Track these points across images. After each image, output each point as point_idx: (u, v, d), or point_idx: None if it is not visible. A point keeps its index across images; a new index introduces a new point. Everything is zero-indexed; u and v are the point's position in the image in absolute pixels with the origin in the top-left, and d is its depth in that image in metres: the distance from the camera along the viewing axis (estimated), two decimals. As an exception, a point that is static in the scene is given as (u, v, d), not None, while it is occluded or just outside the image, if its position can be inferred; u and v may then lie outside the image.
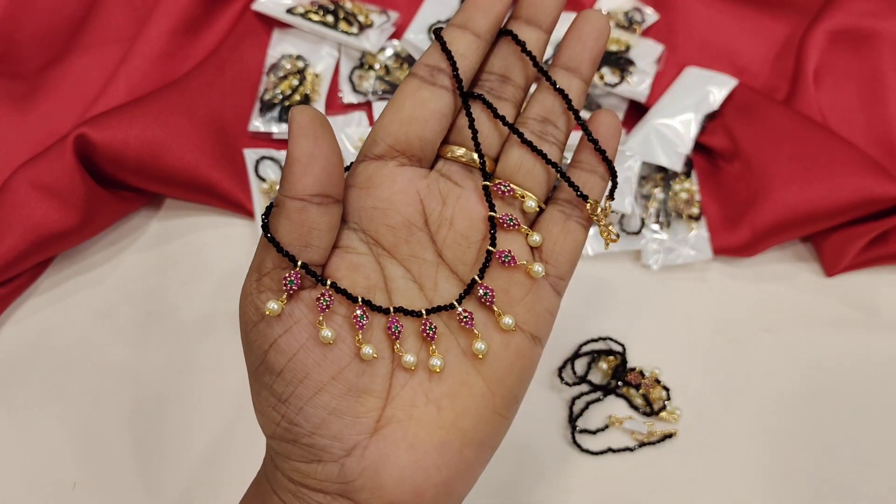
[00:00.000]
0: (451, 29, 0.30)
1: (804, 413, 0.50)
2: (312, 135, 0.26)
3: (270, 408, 0.28)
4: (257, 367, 0.28)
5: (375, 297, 0.29)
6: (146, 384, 0.50)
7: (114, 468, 0.47)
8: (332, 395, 0.27)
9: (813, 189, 0.53)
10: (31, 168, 0.51)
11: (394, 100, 0.30)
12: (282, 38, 0.62)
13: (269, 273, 0.28)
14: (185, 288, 0.54)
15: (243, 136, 0.58)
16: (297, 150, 0.27)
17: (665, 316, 0.54)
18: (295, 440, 0.28)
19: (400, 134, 0.29)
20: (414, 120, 0.29)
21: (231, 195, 0.55)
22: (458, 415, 0.28)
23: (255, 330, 0.28)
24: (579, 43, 0.31)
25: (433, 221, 0.30)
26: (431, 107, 0.29)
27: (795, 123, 0.56)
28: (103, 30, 0.61)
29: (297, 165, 0.27)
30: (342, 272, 0.29)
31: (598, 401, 0.50)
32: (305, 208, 0.27)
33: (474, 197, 0.30)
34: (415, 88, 0.30)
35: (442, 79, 0.30)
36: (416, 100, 0.29)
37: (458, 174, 0.31)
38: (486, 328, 0.29)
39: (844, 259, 0.54)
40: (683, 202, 0.56)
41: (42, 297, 0.53)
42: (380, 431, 0.28)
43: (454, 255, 0.30)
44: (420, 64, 0.30)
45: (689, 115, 0.57)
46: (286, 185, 0.27)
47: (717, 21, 0.64)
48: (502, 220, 0.30)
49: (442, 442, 0.28)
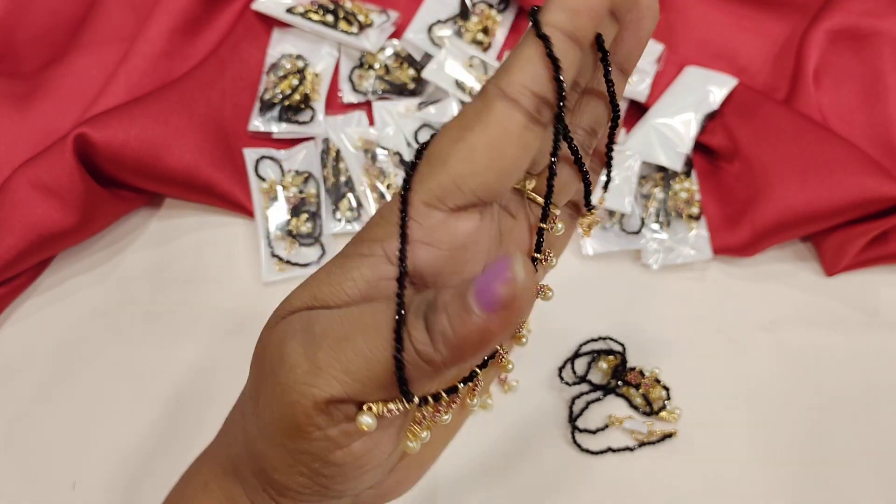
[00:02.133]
0: (554, 33, 0.22)
1: (804, 412, 0.50)
2: (524, 314, 0.20)
3: (305, 478, 0.24)
4: (304, 453, 0.23)
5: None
6: (146, 384, 0.50)
7: (114, 468, 0.47)
8: (377, 470, 0.25)
9: (813, 189, 0.53)
10: (31, 167, 0.51)
11: (489, 137, 0.22)
12: (282, 37, 0.62)
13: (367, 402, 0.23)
14: (185, 287, 0.54)
15: (243, 135, 0.58)
16: (503, 334, 0.20)
17: (665, 315, 0.54)
18: (323, 496, 0.25)
19: (495, 186, 0.23)
20: (515, 171, 0.23)
21: (231, 195, 0.55)
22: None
23: (320, 433, 0.23)
24: (637, 44, 0.26)
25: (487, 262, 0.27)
26: (532, 152, 0.23)
27: (795, 123, 0.56)
28: (103, 29, 0.61)
29: (487, 350, 0.21)
30: None
31: (598, 400, 0.50)
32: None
33: (525, 228, 0.27)
34: (520, 130, 0.22)
35: (547, 114, 0.23)
36: (520, 146, 0.23)
37: (513, 203, 0.27)
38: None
39: (844, 259, 0.54)
40: (683, 202, 0.56)
41: (42, 296, 0.53)
42: (399, 463, 0.27)
43: None
44: (524, 89, 0.22)
45: (688, 115, 0.57)
46: (459, 360, 0.21)
47: (717, 21, 0.64)
48: (544, 258, 0.28)
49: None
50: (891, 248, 0.54)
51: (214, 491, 0.27)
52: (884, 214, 0.53)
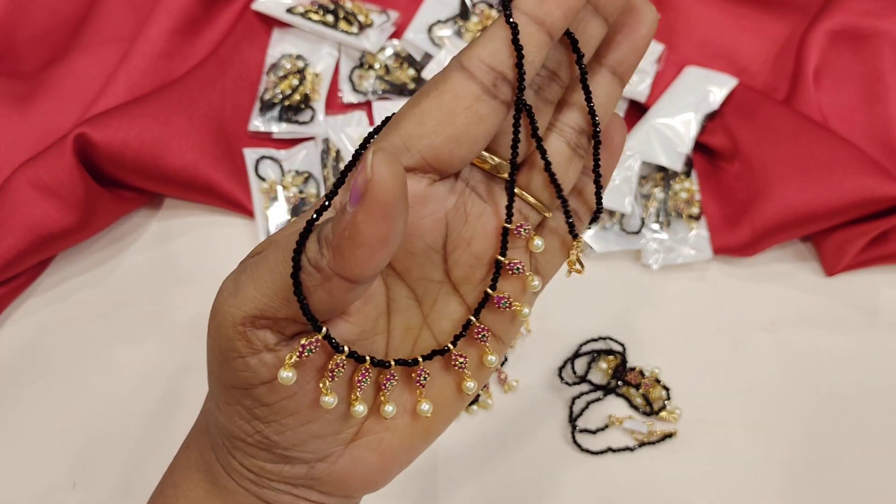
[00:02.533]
0: (524, 20, 0.24)
1: (803, 412, 0.50)
2: (393, 214, 0.21)
3: (244, 421, 0.26)
4: (234, 386, 0.25)
5: (377, 323, 0.27)
6: (146, 384, 0.50)
7: (114, 468, 0.47)
8: (319, 424, 0.26)
9: (813, 189, 0.53)
10: (31, 167, 0.51)
11: (441, 102, 0.24)
12: (282, 37, 0.62)
13: (279, 321, 0.24)
14: (185, 287, 0.54)
15: (243, 135, 0.58)
16: (370, 232, 0.21)
17: (665, 315, 0.54)
18: (267, 449, 0.26)
19: (443, 151, 0.24)
20: (464, 140, 0.24)
21: (231, 195, 0.55)
22: (431, 424, 0.28)
23: (241, 361, 0.25)
24: (633, 47, 0.27)
25: (451, 242, 0.27)
26: (486, 126, 0.24)
27: (795, 123, 0.56)
28: (103, 29, 0.61)
29: (364, 250, 0.21)
30: (356, 305, 0.25)
31: (598, 400, 0.50)
32: (353, 288, 0.23)
33: (495, 219, 0.27)
34: (472, 98, 0.24)
35: (505, 91, 0.24)
36: (471, 115, 0.24)
37: (482, 185, 0.27)
38: (471, 360, 0.28)
39: (844, 259, 0.54)
40: (683, 202, 0.56)
41: (42, 296, 0.53)
42: (355, 441, 0.27)
43: (462, 275, 0.28)
44: (482, 64, 0.24)
45: (688, 115, 0.57)
46: (342, 263, 0.22)
47: (717, 21, 0.64)
48: (510, 267, 0.27)
49: (412, 446, 0.28)
50: (891, 248, 0.54)
51: (192, 451, 0.29)
52: (884, 214, 0.53)
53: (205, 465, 0.28)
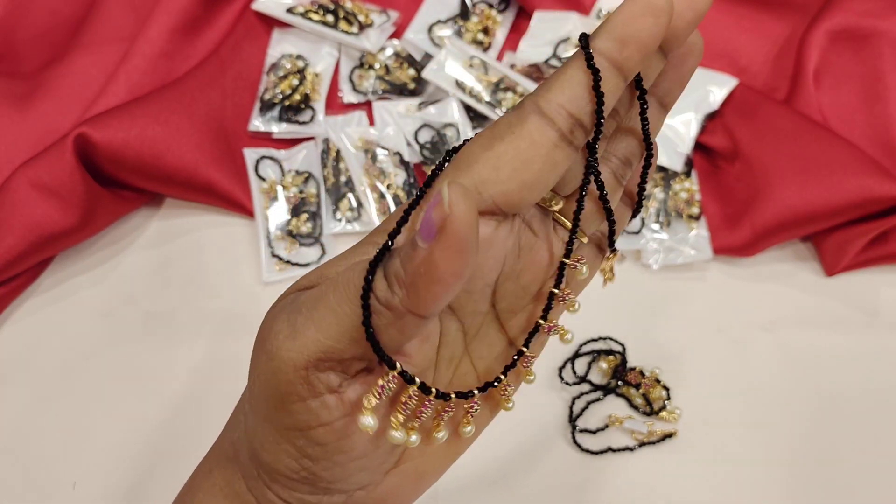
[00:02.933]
0: (602, 62, 0.22)
1: (803, 412, 0.50)
2: (467, 249, 0.20)
3: (291, 459, 0.25)
4: (288, 428, 0.24)
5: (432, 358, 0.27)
6: (146, 384, 0.50)
7: (114, 468, 0.47)
8: (369, 459, 0.25)
9: (813, 189, 0.53)
10: (31, 167, 0.51)
11: (518, 148, 0.23)
12: (282, 37, 0.62)
13: (343, 361, 0.23)
14: (185, 287, 0.54)
15: (243, 135, 0.58)
16: (448, 268, 0.20)
17: (665, 315, 0.54)
18: (310, 484, 0.25)
19: (516, 198, 0.23)
20: (537, 186, 0.23)
21: (231, 195, 0.55)
22: (463, 442, 0.28)
23: (302, 405, 0.24)
24: (679, 79, 0.27)
25: (502, 276, 0.27)
26: (559, 171, 0.23)
27: (795, 123, 0.56)
28: (103, 29, 0.61)
29: (440, 287, 0.21)
30: (415, 345, 0.25)
31: (598, 400, 0.50)
32: (423, 324, 0.22)
33: (545, 249, 0.27)
34: (550, 146, 0.23)
35: (580, 138, 0.23)
36: (548, 162, 0.23)
37: (536, 220, 0.27)
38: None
39: (844, 259, 0.54)
40: (683, 202, 0.56)
41: (42, 296, 0.53)
42: (395, 468, 0.27)
43: (506, 306, 0.28)
44: (560, 107, 0.23)
45: (689, 115, 0.57)
46: (416, 300, 0.21)
47: (717, 21, 0.64)
48: (560, 298, 0.28)
49: (442, 468, 0.28)
50: (891, 248, 0.54)
51: (217, 477, 0.28)
52: (884, 214, 0.53)
53: (233, 494, 0.27)
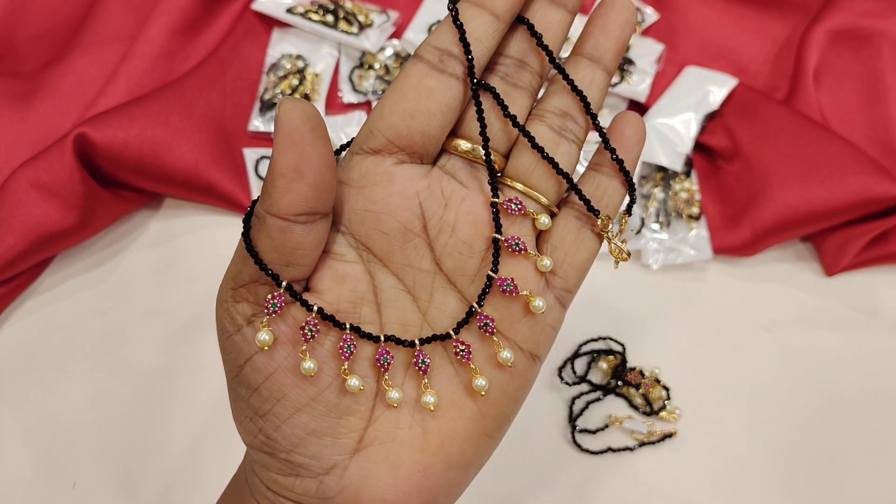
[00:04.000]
0: (466, 5, 0.26)
1: (803, 412, 0.50)
2: (300, 142, 0.23)
3: (247, 419, 0.26)
4: (233, 377, 0.26)
5: (363, 311, 0.26)
6: (146, 384, 0.50)
7: (114, 468, 0.47)
8: (311, 415, 0.26)
9: (812, 188, 0.53)
10: (31, 167, 0.51)
11: (395, 87, 0.26)
12: (282, 37, 0.62)
13: (247, 285, 0.25)
14: (185, 287, 0.54)
15: (243, 135, 0.58)
16: (282, 161, 0.23)
17: (665, 315, 0.54)
18: (272, 454, 0.26)
19: (401, 127, 0.26)
20: (418, 113, 0.26)
21: (231, 195, 0.55)
22: (444, 438, 0.27)
23: (230, 341, 0.26)
24: (604, 32, 0.28)
25: (433, 227, 0.27)
26: (438, 98, 0.26)
27: (795, 123, 0.56)
28: (103, 29, 0.61)
29: (281, 181, 0.23)
30: (326, 283, 0.26)
31: (598, 400, 0.50)
32: (289, 228, 0.24)
33: (480, 200, 0.27)
34: (420, 75, 0.26)
35: (453, 65, 0.26)
36: (421, 89, 0.26)
37: (462, 172, 0.27)
38: (483, 357, 0.27)
39: (844, 259, 0.54)
40: (683, 202, 0.56)
41: (42, 296, 0.53)
42: (361, 452, 0.26)
43: (454, 265, 0.27)
44: (428, 46, 0.26)
45: (689, 115, 0.57)
46: (268, 199, 0.24)
47: (717, 21, 0.64)
48: (508, 243, 0.27)
49: (426, 465, 0.27)
50: (891, 248, 0.54)
51: (243, 465, 0.30)
52: (884, 214, 0.53)
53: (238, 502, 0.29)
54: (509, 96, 0.27)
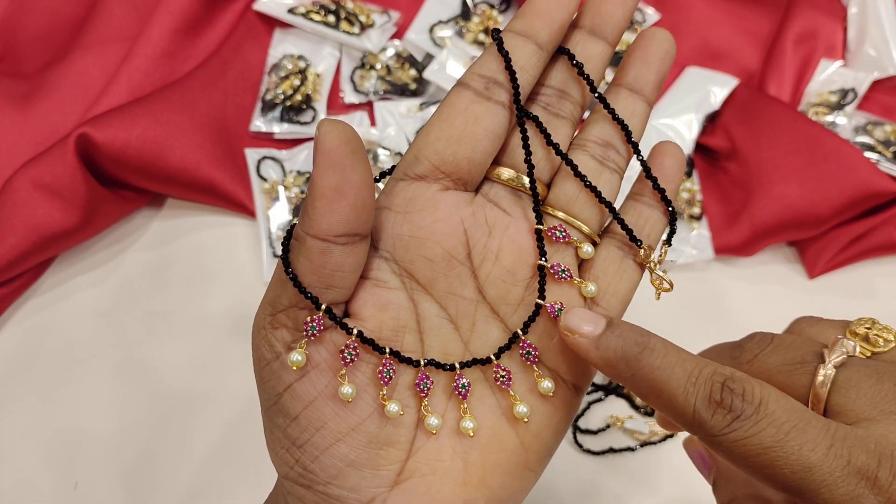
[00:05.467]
0: (510, 35, 0.27)
1: (805, 413, 0.50)
2: (341, 163, 0.23)
3: (284, 450, 0.26)
4: (270, 406, 0.26)
5: (405, 339, 0.26)
6: (147, 384, 0.50)
7: (115, 468, 0.47)
8: (350, 446, 0.25)
9: (813, 187, 0.53)
10: (33, 167, 0.51)
11: (441, 113, 0.26)
12: (283, 37, 0.62)
13: (286, 310, 0.25)
14: (187, 287, 0.54)
15: (245, 135, 0.58)
16: (323, 183, 0.23)
17: (666, 316, 0.54)
18: (309, 486, 0.26)
19: (447, 153, 0.26)
20: (464, 139, 0.26)
21: (232, 195, 0.55)
22: (486, 471, 0.26)
23: (268, 369, 0.25)
24: (645, 64, 0.28)
25: (476, 254, 0.27)
26: (485, 125, 0.26)
27: (795, 123, 0.56)
28: (105, 29, 0.61)
29: (322, 202, 0.23)
30: (369, 310, 0.26)
31: (600, 401, 0.50)
32: (329, 249, 0.24)
33: (524, 228, 0.27)
34: (467, 102, 0.26)
35: (498, 93, 0.26)
36: (468, 116, 0.26)
37: (506, 200, 0.27)
38: (525, 385, 0.27)
39: (823, 259, 0.54)
40: (685, 202, 0.56)
41: (43, 296, 0.53)
42: (401, 485, 0.26)
43: (497, 294, 0.27)
44: (474, 74, 0.27)
45: (689, 115, 0.57)
46: (308, 221, 0.23)
47: (719, 21, 0.64)
48: (554, 270, 0.27)
49: (466, 500, 0.26)
50: (874, 241, 0.54)
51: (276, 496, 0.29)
52: (868, 214, 0.53)
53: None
54: (551, 125, 0.28)
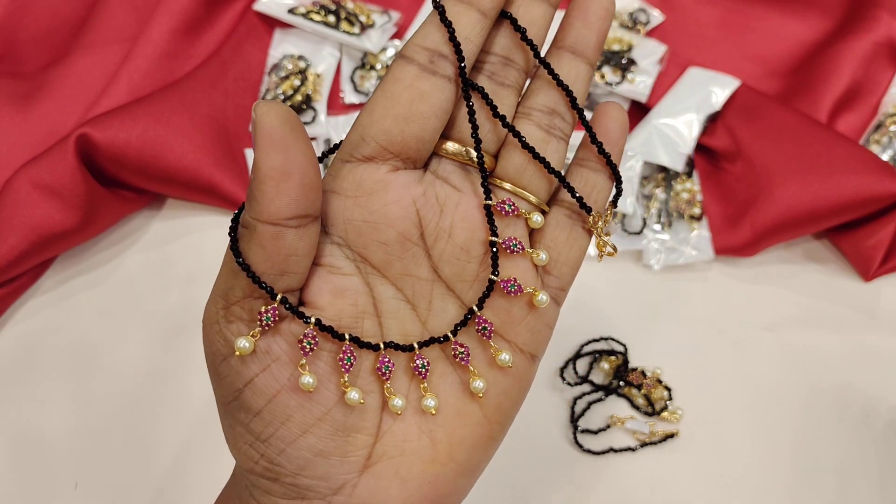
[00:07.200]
0: (452, 3, 0.25)
1: (805, 413, 0.50)
2: (283, 143, 0.22)
3: (247, 445, 0.25)
4: (229, 402, 0.25)
5: (364, 325, 0.26)
6: (148, 384, 0.50)
7: (115, 468, 0.47)
8: (317, 437, 0.25)
9: (813, 188, 0.53)
10: (33, 168, 0.51)
11: (385, 89, 0.25)
12: (283, 38, 0.62)
13: (240, 302, 0.24)
14: (187, 288, 0.54)
15: (245, 136, 0.58)
16: (267, 164, 0.22)
17: (667, 316, 0.54)
18: (276, 479, 0.25)
19: (395, 133, 0.25)
20: (412, 117, 0.25)
21: (232, 195, 0.55)
22: (453, 446, 0.26)
23: (225, 364, 0.25)
24: (585, 24, 0.27)
25: (429, 234, 0.26)
26: (432, 102, 0.25)
27: (797, 123, 0.56)
28: (105, 30, 0.61)
29: (269, 184, 0.22)
30: (326, 298, 0.25)
31: (600, 401, 0.50)
32: (281, 234, 0.23)
33: (475, 203, 0.27)
34: (412, 78, 0.25)
35: (444, 67, 0.25)
36: (413, 92, 0.25)
37: (455, 175, 0.27)
38: (484, 361, 0.27)
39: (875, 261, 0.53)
40: (685, 202, 0.56)
41: (44, 297, 0.53)
42: (370, 469, 0.26)
43: (452, 271, 0.27)
44: (416, 46, 0.25)
45: (691, 116, 0.57)
46: (256, 206, 0.23)
47: (724, 22, 0.64)
48: (505, 245, 0.26)
49: (436, 476, 0.26)
50: None
51: (236, 488, 0.29)
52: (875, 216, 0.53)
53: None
54: (497, 95, 0.27)
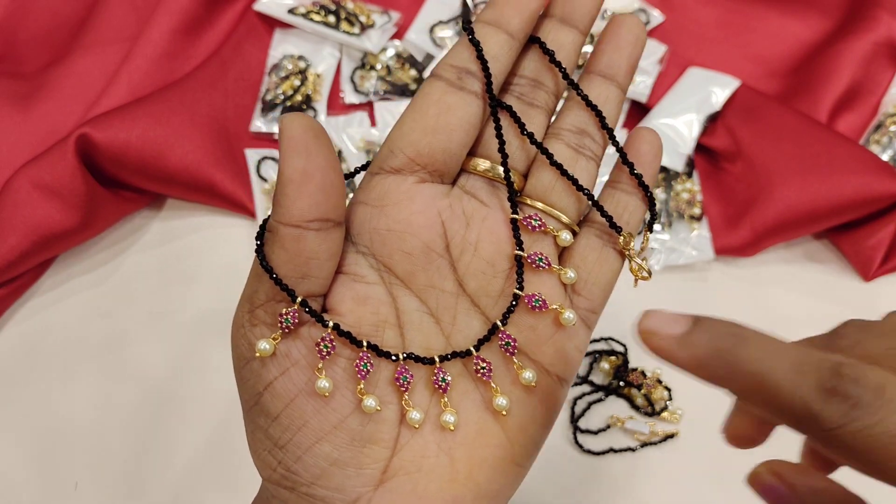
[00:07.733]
0: (481, 26, 0.27)
1: (806, 413, 0.50)
2: (305, 149, 0.23)
3: (266, 451, 0.25)
4: (251, 407, 0.25)
5: (385, 335, 0.26)
6: (148, 384, 0.50)
7: (116, 468, 0.47)
8: (333, 445, 0.25)
9: (813, 188, 0.53)
10: (33, 168, 0.51)
11: (415, 105, 0.26)
12: (283, 38, 0.62)
13: (263, 305, 0.25)
14: (187, 288, 0.54)
15: (245, 136, 0.58)
16: (290, 168, 0.23)
17: (667, 316, 0.54)
18: (292, 488, 0.25)
19: (422, 145, 0.26)
20: (438, 130, 0.26)
21: (233, 195, 0.55)
22: (473, 467, 0.26)
23: (247, 368, 0.25)
24: (616, 49, 0.28)
25: (455, 246, 0.27)
26: (459, 115, 0.26)
27: (797, 123, 0.56)
28: (105, 30, 0.61)
29: (291, 187, 0.23)
30: (347, 305, 0.25)
31: (600, 401, 0.50)
32: (302, 236, 0.24)
33: (501, 218, 0.27)
34: (440, 93, 0.26)
35: (471, 83, 0.26)
36: (441, 106, 0.26)
37: (483, 191, 0.27)
38: (508, 377, 0.26)
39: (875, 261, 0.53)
40: (685, 202, 0.56)
41: (43, 297, 0.53)
42: (386, 483, 0.25)
43: (477, 286, 0.27)
44: (445, 64, 0.27)
45: (691, 116, 0.57)
46: (279, 209, 0.24)
47: (724, 22, 0.64)
48: (531, 259, 0.26)
49: (454, 496, 0.25)
50: None
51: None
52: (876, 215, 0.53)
53: None
54: (526, 115, 0.28)
